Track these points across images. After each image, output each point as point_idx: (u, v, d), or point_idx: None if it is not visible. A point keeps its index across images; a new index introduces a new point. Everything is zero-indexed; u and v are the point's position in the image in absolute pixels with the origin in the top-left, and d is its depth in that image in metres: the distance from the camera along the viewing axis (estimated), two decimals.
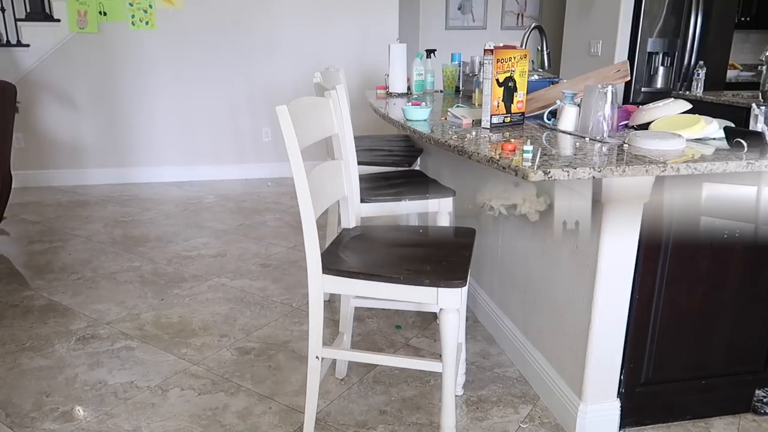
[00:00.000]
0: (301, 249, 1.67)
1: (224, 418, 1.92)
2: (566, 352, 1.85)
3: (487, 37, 5.96)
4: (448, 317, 1.59)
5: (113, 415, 1.93)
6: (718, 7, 4.24)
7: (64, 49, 4.63)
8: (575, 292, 1.78)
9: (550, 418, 1.92)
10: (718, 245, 1.69)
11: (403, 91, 3.21)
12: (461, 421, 1.89)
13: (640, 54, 4.29)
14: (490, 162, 1.62)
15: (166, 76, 4.86)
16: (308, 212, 1.59)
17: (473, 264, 2.62)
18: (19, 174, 4.72)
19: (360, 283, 1.63)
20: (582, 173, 1.47)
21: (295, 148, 1.54)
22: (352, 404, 1.99)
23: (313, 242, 1.62)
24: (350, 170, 2.03)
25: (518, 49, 2.03)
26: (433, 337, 2.42)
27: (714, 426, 1.86)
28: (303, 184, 1.57)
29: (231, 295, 2.82)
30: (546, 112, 2.18)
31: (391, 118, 2.45)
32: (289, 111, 1.53)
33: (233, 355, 2.30)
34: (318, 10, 4.94)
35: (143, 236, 3.65)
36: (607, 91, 1.83)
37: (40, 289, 2.90)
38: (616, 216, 1.60)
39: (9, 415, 1.93)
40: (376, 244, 1.83)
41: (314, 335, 1.71)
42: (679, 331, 1.77)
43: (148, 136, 4.97)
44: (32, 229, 3.80)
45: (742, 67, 5.14)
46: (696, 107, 2.08)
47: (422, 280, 1.56)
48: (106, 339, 2.42)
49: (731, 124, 1.82)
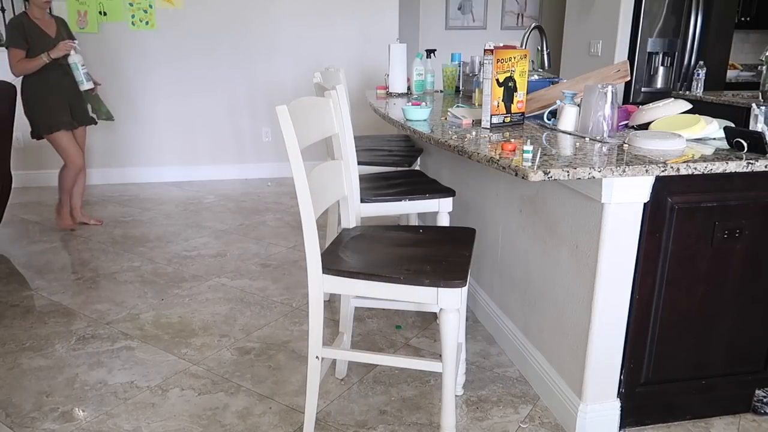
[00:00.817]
0: (301, 249, 1.67)
1: (224, 418, 1.92)
2: (566, 352, 1.85)
3: (487, 37, 5.96)
4: (448, 317, 1.58)
5: (113, 415, 1.93)
6: (718, 7, 4.24)
7: None
8: (575, 292, 1.78)
9: (550, 418, 1.92)
10: (718, 245, 1.69)
11: (403, 91, 3.21)
12: (461, 421, 1.89)
13: (640, 54, 4.29)
14: (490, 162, 1.62)
15: (166, 76, 4.86)
16: (308, 212, 1.59)
17: (473, 264, 2.62)
18: (19, 174, 4.72)
19: (360, 283, 1.62)
20: (582, 173, 1.47)
21: (295, 148, 1.54)
22: (352, 404, 1.99)
23: (313, 242, 1.62)
24: (350, 170, 2.03)
25: (518, 49, 2.03)
26: (433, 337, 2.42)
27: (714, 426, 1.86)
28: (303, 184, 1.57)
29: (231, 295, 2.82)
30: (546, 112, 2.18)
31: (391, 118, 2.45)
32: (289, 111, 1.53)
33: (233, 355, 2.30)
34: (318, 11, 4.94)
35: (143, 236, 3.65)
36: (607, 91, 1.83)
37: (40, 289, 2.90)
38: (616, 216, 1.60)
39: (9, 415, 1.93)
40: (376, 244, 1.83)
41: (314, 335, 1.71)
42: (679, 331, 1.77)
43: (148, 136, 4.97)
44: (32, 229, 3.80)
45: (742, 67, 5.14)
46: (696, 107, 2.08)
47: (422, 280, 1.56)
48: (106, 339, 2.42)
49: (731, 124, 1.82)
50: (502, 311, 2.34)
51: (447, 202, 2.34)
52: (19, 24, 3.34)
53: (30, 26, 3.36)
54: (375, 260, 1.71)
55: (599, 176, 1.48)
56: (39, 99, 3.44)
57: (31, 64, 3.34)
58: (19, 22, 3.35)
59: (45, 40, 3.39)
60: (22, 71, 3.37)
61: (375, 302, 2.14)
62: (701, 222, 1.66)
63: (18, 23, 3.34)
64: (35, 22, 3.39)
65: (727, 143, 1.74)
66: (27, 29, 3.35)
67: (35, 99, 3.44)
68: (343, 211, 1.99)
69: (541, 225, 1.96)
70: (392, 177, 2.56)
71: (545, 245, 1.94)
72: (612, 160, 1.55)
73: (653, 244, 1.65)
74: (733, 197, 1.65)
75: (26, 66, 3.35)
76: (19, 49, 3.32)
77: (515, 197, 2.14)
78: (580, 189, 1.68)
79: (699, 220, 1.65)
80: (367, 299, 2.06)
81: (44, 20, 3.44)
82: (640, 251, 1.65)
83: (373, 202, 2.27)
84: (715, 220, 1.66)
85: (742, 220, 1.68)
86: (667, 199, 1.61)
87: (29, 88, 3.43)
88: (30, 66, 3.35)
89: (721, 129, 1.78)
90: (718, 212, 1.66)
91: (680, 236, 1.66)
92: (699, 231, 1.66)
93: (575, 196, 1.73)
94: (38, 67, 3.36)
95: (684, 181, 1.60)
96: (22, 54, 3.33)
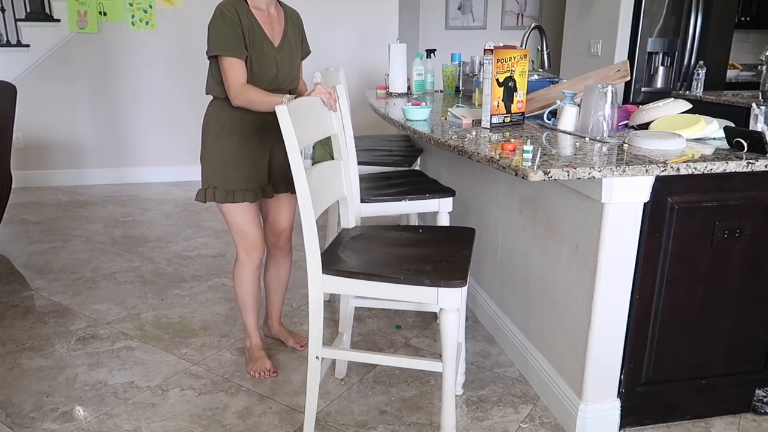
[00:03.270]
0: (301, 249, 1.67)
1: (224, 418, 1.91)
2: (566, 352, 1.85)
3: (487, 37, 5.95)
4: (448, 317, 1.58)
5: (113, 415, 1.93)
6: (718, 7, 4.24)
7: (64, 49, 4.62)
8: (575, 292, 1.78)
9: (550, 418, 1.92)
10: (718, 245, 1.69)
11: (403, 91, 3.21)
12: (461, 421, 1.89)
13: (640, 54, 4.29)
14: (490, 162, 1.62)
15: (166, 76, 4.86)
16: (308, 212, 1.59)
17: (473, 264, 2.62)
18: (19, 174, 4.71)
19: (360, 283, 1.62)
20: (582, 173, 1.47)
21: (295, 148, 1.54)
22: (352, 404, 1.99)
23: (313, 242, 1.62)
24: (350, 170, 2.03)
25: (518, 49, 2.03)
26: (433, 337, 2.42)
27: (714, 426, 1.86)
28: (303, 185, 1.57)
29: (231, 295, 2.81)
30: (546, 112, 2.18)
31: (391, 118, 2.45)
32: (288, 111, 1.53)
33: (233, 355, 2.30)
34: (318, 11, 4.94)
35: (143, 236, 3.65)
36: (607, 91, 1.83)
37: (40, 289, 2.89)
38: (616, 216, 1.60)
39: (9, 415, 1.93)
40: (375, 245, 1.83)
41: (314, 335, 1.71)
42: (679, 331, 1.77)
43: (148, 136, 4.97)
44: (32, 229, 3.80)
45: (742, 67, 5.14)
46: (696, 107, 2.08)
47: (422, 280, 1.56)
48: (106, 339, 2.42)
49: (731, 124, 1.82)
50: (502, 311, 2.34)
51: (447, 202, 2.34)
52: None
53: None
54: (375, 260, 1.71)
55: (599, 176, 1.48)
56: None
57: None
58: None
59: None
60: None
61: (374, 302, 2.14)
62: (701, 222, 1.66)
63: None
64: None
65: (727, 143, 1.74)
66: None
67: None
68: (343, 211, 1.99)
69: (541, 225, 1.96)
70: (392, 177, 2.56)
71: (545, 245, 1.94)
72: (612, 160, 1.55)
73: (653, 243, 1.65)
74: (733, 197, 1.65)
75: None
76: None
77: (515, 197, 2.14)
78: (580, 189, 1.68)
79: (699, 220, 1.65)
80: (367, 299, 2.06)
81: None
82: (640, 251, 1.65)
83: (373, 202, 2.27)
84: (715, 220, 1.66)
85: (742, 220, 1.68)
86: (667, 199, 1.61)
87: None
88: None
89: (721, 129, 1.78)
90: (718, 212, 1.66)
91: (680, 236, 1.66)
92: (699, 231, 1.66)
93: (575, 196, 1.73)
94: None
95: (684, 180, 1.59)
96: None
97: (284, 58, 1.97)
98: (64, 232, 3.74)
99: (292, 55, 2.02)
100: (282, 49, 1.97)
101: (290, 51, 2.01)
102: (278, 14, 2.02)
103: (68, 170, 4.90)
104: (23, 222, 3.94)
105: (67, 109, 4.77)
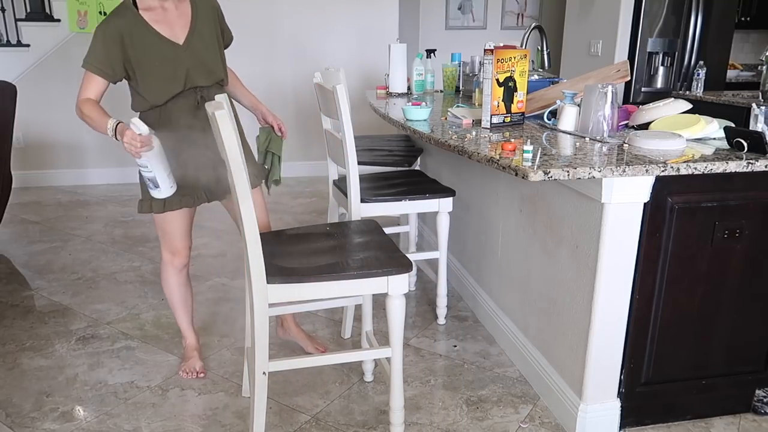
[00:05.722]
0: None
1: (224, 418, 1.91)
2: (566, 352, 1.85)
3: (487, 37, 5.95)
4: (395, 303, 1.62)
5: (113, 415, 1.93)
6: (718, 7, 4.24)
7: (64, 49, 4.62)
8: (575, 292, 1.78)
9: (550, 418, 1.92)
10: (718, 245, 1.69)
11: (403, 91, 3.21)
12: (461, 421, 1.89)
13: (640, 54, 4.29)
14: (490, 162, 1.62)
15: None
16: (251, 221, 1.49)
17: (473, 263, 2.62)
18: (19, 174, 4.71)
19: (306, 286, 1.56)
20: (582, 173, 1.47)
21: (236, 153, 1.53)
22: (352, 404, 1.99)
23: (256, 251, 1.51)
24: (350, 170, 2.03)
25: (518, 49, 2.03)
26: (433, 337, 2.42)
27: (714, 426, 1.86)
28: (245, 193, 1.46)
29: (231, 295, 2.82)
30: (546, 112, 2.18)
31: (391, 118, 2.45)
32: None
33: (233, 355, 2.30)
34: (318, 10, 4.94)
35: (143, 236, 3.65)
36: (607, 91, 1.83)
37: (40, 289, 2.89)
38: (616, 216, 1.60)
39: (9, 415, 1.93)
40: (298, 247, 1.75)
41: (260, 350, 1.60)
42: (679, 331, 1.77)
43: None
44: (32, 229, 3.80)
45: (742, 67, 5.14)
46: (696, 107, 2.08)
47: (374, 271, 1.58)
48: (106, 339, 2.42)
49: (731, 124, 1.82)
50: (502, 311, 2.34)
51: (447, 202, 2.34)
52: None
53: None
54: (313, 261, 1.63)
55: (599, 176, 1.48)
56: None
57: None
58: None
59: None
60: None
61: (310, 306, 2.05)
62: (701, 222, 1.66)
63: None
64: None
65: (727, 143, 1.74)
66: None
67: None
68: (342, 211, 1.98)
69: (541, 225, 1.96)
70: (392, 177, 2.57)
71: (545, 245, 1.94)
72: (612, 160, 1.55)
73: (653, 244, 1.65)
74: (733, 197, 1.65)
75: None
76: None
77: (515, 197, 2.14)
78: (580, 189, 1.68)
79: (699, 220, 1.65)
80: (306, 303, 1.98)
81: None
82: (640, 251, 1.65)
83: (373, 202, 2.27)
84: (715, 220, 1.66)
85: (742, 220, 1.68)
86: (667, 199, 1.61)
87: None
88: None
89: (721, 129, 1.78)
90: (718, 212, 1.66)
91: (680, 236, 1.66)
92: (699, 231, 1.66)
93: (575, 196, 1.73)
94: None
95: (684, 181, 1.60)
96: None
97: (194, 53, 1.86)
98: (64, 232, 3.74)
99: (207, 48, 1.90)
100: (190, 44, 1.86)
101: (203, 44, 1.88)
102: (180, 8, 1.87)
103: (68, 170, 4.91)
104: (23, 222, 3.94)
105: (67, 109, 4.76)
